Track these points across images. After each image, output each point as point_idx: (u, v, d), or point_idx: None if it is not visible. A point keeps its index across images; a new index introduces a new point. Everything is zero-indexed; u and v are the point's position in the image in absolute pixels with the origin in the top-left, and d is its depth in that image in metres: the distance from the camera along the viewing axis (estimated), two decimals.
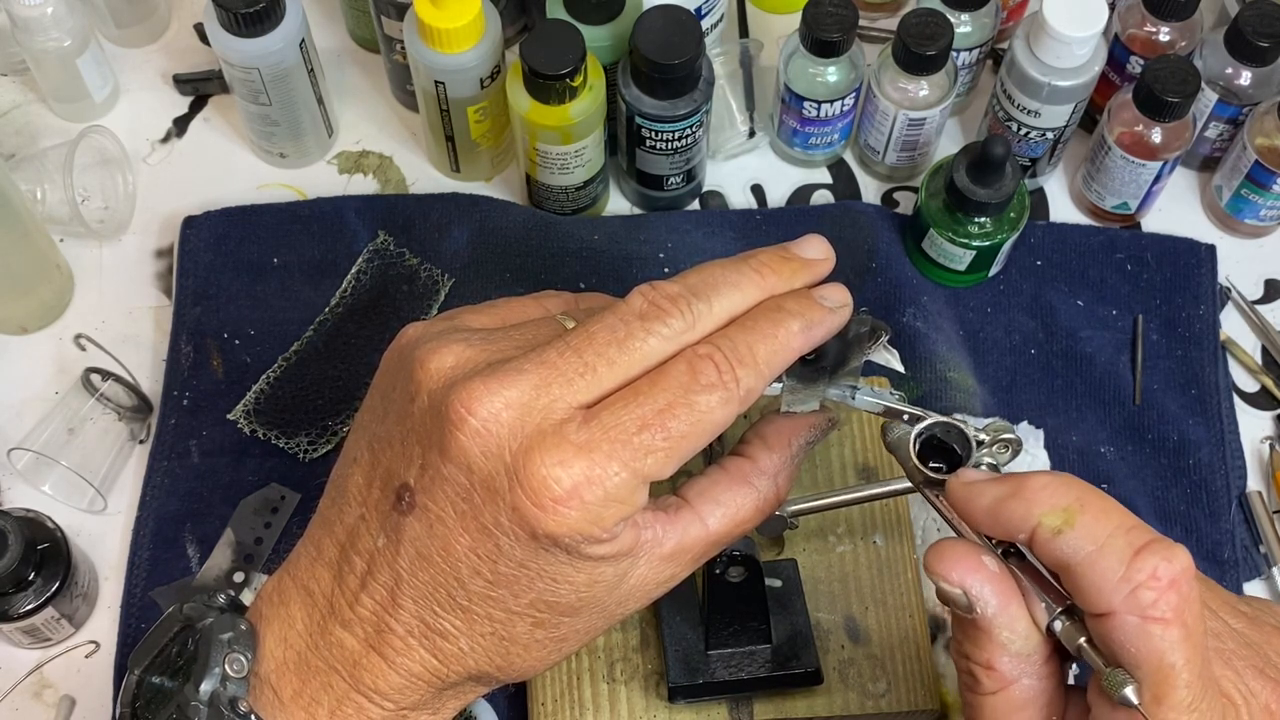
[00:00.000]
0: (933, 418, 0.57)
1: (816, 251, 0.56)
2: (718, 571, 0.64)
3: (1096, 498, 0.49)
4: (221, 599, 0.55)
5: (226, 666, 0.51)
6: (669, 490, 0.55)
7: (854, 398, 0.58)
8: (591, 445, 0.48)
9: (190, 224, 0.86)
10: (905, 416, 0.58)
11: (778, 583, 0.68)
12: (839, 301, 0.54)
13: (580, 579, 0.50)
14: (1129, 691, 0.47)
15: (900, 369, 0.59)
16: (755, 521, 0.55)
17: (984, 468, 0.56)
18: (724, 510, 0.54)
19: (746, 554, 0.64)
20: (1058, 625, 0.49)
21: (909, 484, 0.61)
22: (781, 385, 0.57)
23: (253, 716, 0.51)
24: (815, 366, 0.57)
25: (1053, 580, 0.50)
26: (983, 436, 0.57)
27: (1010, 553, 0.51)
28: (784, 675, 0.68)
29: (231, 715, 0.51)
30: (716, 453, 0.68)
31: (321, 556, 0.53)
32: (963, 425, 0.55)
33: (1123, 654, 0.47)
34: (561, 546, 0.49)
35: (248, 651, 0.52)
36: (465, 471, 0.49)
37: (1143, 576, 0.46)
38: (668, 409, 0.49)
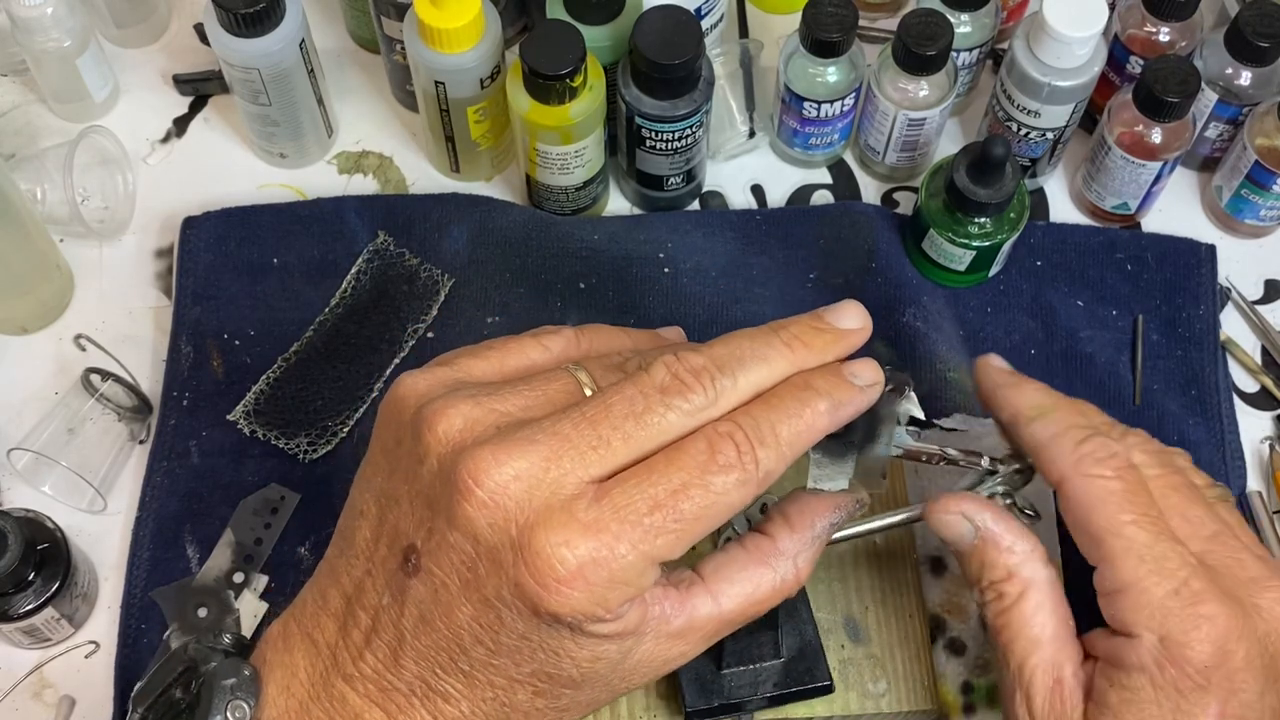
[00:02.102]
0: (955, 454, 0.61)
1: (852, 320, 0.54)
2: None
3: (1071, 403, 0.59)
4: (227, 639, 0.55)
5: (229, 713, 0.51)
6: (686, 562, 0.53)
7: (889, 450, 0.59)
8: (600, 525, 0.47)
9: (190, 224, 0.86)
10: (924, 458, 0.61)
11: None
12: (870, 380, 0.54)
13: (582, 655, 0.50)
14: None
15: (921, 416, 0.58)
16: (772, 602, 0.54)
17: (998, 497, 0.61)
18: (739, 589, 0.53)
19: None
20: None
21: (918, 513, 0.62)
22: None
23: None
24: (843, 441, 0.56)
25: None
26: (997, 467, 0.61)
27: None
28: (798, 690, 0.68)
29: None
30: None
31: (327, 606, 0.53)
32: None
33: (1075, 515, 0.56)
34: (564, 624, 0.48)
35: (250, 698, 0.52)
36: (471, 541, 0.48)
37: (1088, 448, 0.56)
38: (682, 489, 0.48)
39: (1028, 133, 0.85)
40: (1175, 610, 0.53)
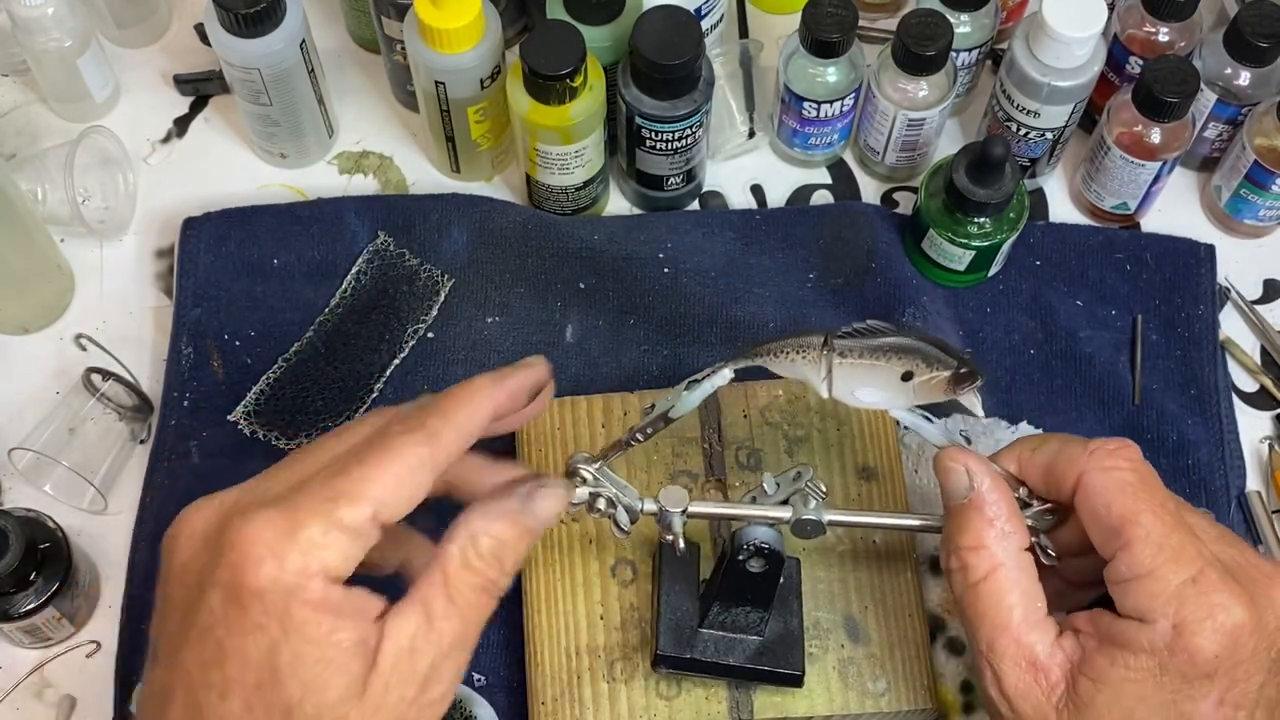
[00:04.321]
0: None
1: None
2: (740, 559, 0.65)
3: (1062, 434, 0.62)
4: None
5: None
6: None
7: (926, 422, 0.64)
8: (283, 500, 0.52)
9: (190, 225, 0.86)
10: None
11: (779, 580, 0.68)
12: (531, 361, 0.61)
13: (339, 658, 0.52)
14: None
15: (980, 414, 0.64)
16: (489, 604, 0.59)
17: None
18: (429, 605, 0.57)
19: (774, 549, 0.64)
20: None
21: (939, 522, 0.63)
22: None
23: None
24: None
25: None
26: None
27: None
28: (767, 671, 0.68)
29: None
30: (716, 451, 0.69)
31: None
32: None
33: (1093, 506, 0.58)
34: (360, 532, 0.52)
35: None
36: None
37: (1098, 445, 0.59)
38: (354, 451, 0.54)
39: (1027, 133, 0.85)
40: (1191, 598, 0.55)
